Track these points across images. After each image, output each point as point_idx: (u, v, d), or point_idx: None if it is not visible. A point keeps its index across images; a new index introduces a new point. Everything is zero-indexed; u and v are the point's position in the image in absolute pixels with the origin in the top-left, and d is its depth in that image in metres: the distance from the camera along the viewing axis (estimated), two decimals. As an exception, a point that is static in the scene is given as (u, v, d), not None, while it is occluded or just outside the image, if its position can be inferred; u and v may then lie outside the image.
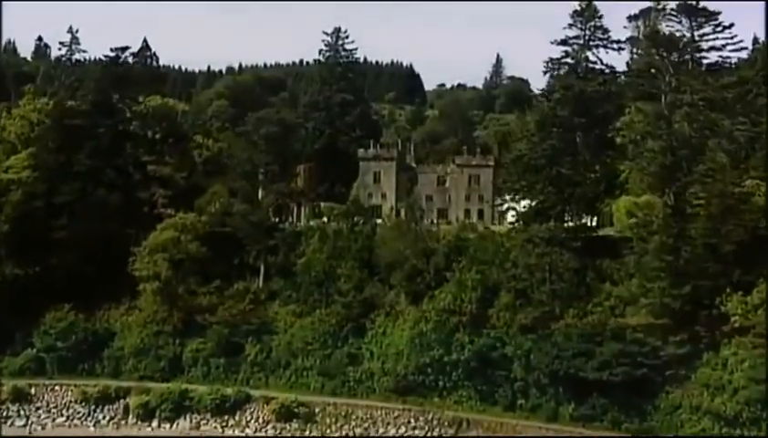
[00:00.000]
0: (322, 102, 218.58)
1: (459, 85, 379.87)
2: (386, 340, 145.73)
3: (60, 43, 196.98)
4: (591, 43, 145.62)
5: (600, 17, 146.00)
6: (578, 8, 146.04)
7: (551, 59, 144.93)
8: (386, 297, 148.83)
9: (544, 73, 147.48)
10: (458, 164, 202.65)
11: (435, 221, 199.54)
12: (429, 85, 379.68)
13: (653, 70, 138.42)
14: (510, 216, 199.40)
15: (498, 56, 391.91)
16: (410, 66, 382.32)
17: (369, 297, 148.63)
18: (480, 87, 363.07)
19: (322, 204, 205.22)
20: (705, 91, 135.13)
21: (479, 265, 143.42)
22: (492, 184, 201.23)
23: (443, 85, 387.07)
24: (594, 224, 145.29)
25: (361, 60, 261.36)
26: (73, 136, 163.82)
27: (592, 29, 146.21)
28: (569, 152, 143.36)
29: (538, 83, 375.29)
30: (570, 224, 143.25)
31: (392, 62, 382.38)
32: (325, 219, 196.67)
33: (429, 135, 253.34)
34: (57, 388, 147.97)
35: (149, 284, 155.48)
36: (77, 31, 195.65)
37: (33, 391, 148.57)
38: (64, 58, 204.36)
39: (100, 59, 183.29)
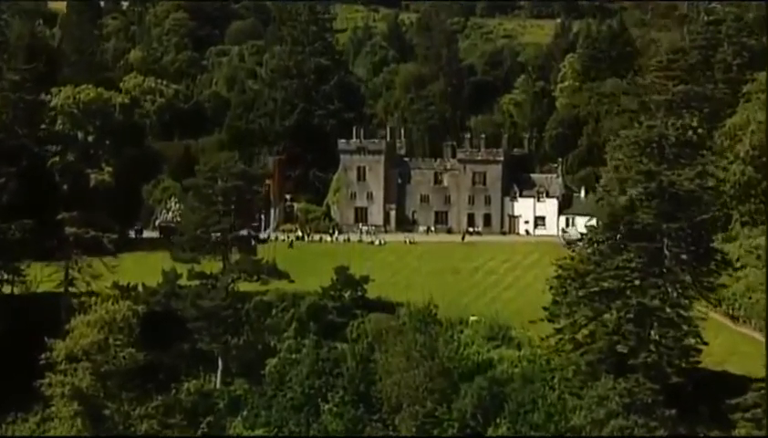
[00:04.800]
0: (293, 68, 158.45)
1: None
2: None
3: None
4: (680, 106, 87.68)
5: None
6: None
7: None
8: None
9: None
10: (459, 159, 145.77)
11: (432, 228, 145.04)
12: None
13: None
14: (524, 222, 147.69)
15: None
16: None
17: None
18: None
19: (296, 206, 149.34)
20: None
21: (524, 426, 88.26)
22: (502, 183, 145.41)
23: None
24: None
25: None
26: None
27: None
28: (654, 272, 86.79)
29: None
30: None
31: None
32: (299, 233, 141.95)
33: (414, 78, 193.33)
34: None
35: (65, 406, 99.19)
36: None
37: None
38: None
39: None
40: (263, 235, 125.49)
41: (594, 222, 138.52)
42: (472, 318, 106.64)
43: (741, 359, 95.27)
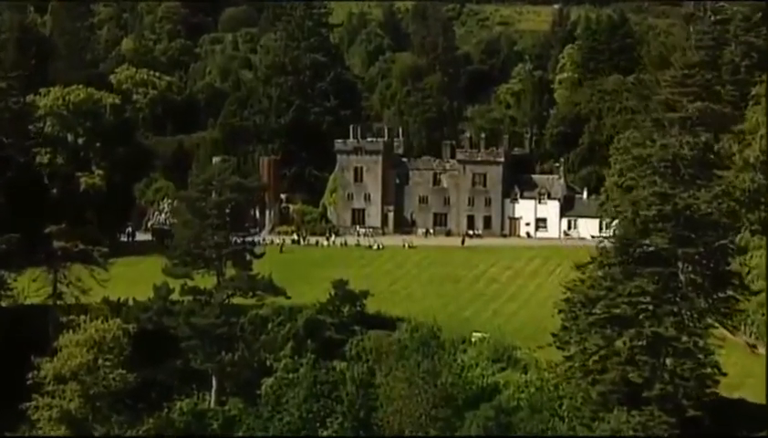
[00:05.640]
0: (288, 64, 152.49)
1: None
2: None
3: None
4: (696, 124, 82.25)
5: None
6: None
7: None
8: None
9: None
10: (459, 160, 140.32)
11: (431, 230, 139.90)
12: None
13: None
14: (525, 224, 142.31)
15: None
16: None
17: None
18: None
19: (291, 207, 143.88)
20: None
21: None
22: (502, 184, 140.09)
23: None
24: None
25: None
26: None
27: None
28: (669, 298, 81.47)
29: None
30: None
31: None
32: (295, 237, 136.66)
33: (410, 70, 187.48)
34: None
35: (53, 429, 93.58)
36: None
37: None
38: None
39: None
40: (258, 238, 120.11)
41: (596, 225, 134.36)
42: (474, 335, 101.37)
43: (757, 383, 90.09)
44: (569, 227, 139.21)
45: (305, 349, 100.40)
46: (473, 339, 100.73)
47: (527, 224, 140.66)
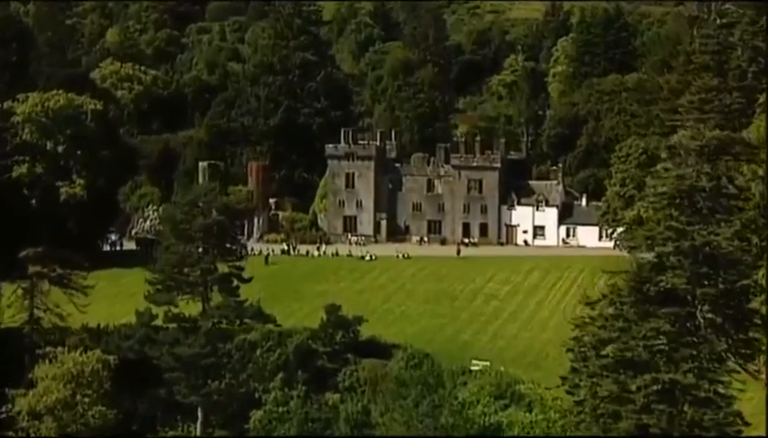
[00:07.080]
0: (277, 64, 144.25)
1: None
2: None
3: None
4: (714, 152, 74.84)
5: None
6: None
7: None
8: None
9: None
10: (454, 165, 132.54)
11: (425, 238, 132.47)
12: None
13: None
14: (522, 232, 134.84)
15: None
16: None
17: None
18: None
19: (280, 215, 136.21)
20: None
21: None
22: (499, 190, 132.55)
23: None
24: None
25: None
26: None
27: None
28: (687, 341, 73.87)
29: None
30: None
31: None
32: (285, 246, 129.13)
33: (401, 64, 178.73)
34: None
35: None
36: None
37: None
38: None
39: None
40: (246, 247, 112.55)
41: (596, 233, 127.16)
42: (474, 364, 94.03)
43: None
44: (568, 235, 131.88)
45: (295, 381, 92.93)
46: (473, 368, 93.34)
47: (525, 232, 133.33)
